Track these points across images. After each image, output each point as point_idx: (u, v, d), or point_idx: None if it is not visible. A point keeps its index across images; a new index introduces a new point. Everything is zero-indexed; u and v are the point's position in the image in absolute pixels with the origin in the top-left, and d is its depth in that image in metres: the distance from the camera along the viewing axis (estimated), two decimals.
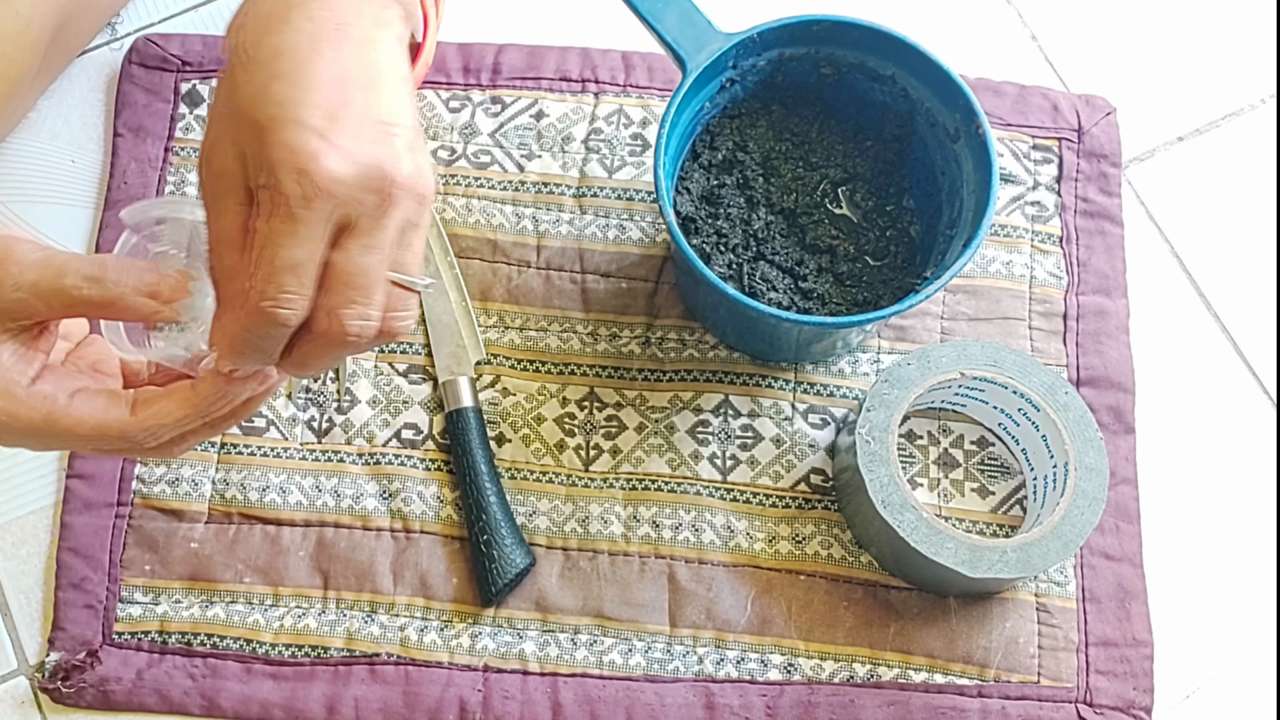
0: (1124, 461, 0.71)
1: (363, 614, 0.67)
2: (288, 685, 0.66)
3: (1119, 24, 0.83)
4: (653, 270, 0.74)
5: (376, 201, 0.43)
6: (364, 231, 0.43)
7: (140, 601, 0.67)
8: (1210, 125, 0.80)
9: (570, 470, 0.70)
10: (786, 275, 0.69)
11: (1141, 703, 0.67)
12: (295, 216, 0.42)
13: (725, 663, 0.67)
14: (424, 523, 0.69)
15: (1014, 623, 0.67)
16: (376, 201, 0.43)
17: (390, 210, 0.43)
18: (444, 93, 0.78)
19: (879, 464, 0.64)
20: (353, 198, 0.42)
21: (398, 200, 0.43)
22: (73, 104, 0.78)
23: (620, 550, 0.69)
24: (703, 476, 0.70)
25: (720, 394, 0.71)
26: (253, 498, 0.69)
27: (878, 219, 0.72)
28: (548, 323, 0.73)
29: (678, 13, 0.66)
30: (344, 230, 0.43)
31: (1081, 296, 0.74)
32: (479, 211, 0.75)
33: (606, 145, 0.77)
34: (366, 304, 0.44)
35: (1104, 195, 0.76)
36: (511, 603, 0.68)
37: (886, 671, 0.67)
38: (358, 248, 0.43)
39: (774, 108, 0.72)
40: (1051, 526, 0.64)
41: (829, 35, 0.68)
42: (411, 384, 0.72)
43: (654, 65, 0.78)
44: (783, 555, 0.69)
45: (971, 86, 0.66)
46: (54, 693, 0.65)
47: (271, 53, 0.43)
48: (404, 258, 0.45)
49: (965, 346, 0.67)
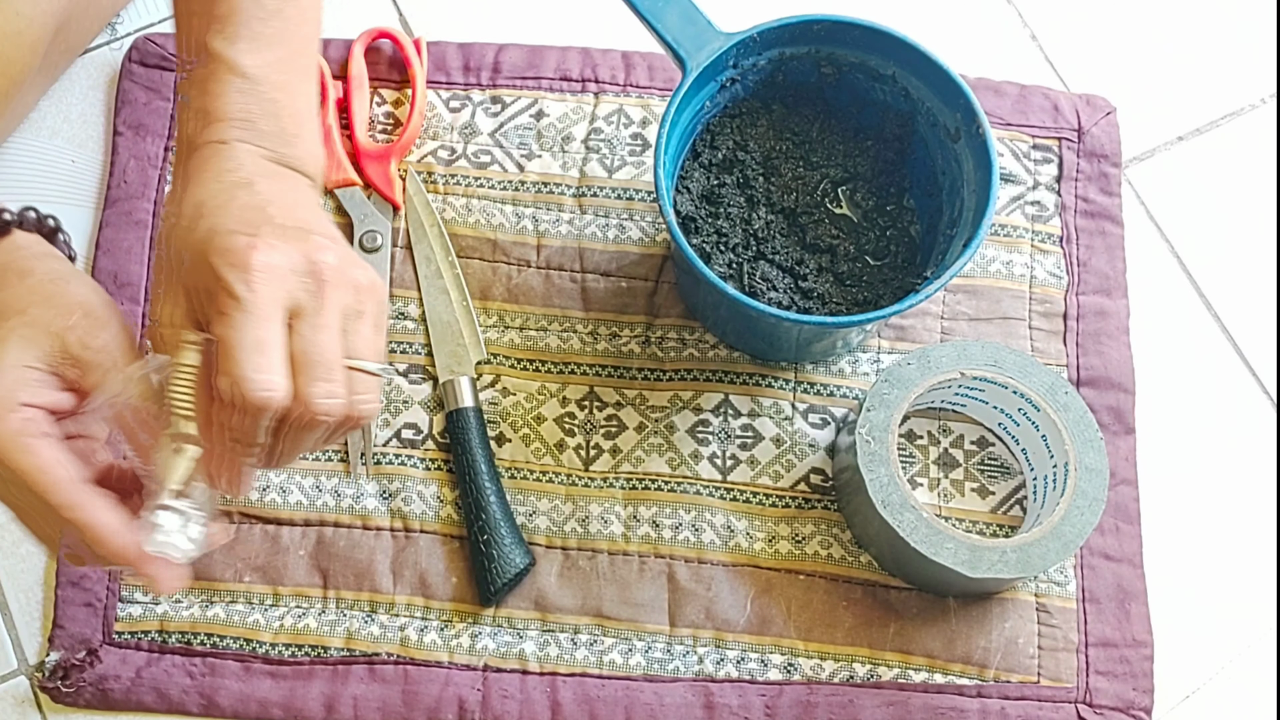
0: (1124, 462, 0.71)
1: (363, 614, 0.67)
2: (286, 684, 0.66)
3: (1119, 24, 0.83)
4: (652, 269, 0.74)
5: (313, 286, 0.48)
6: (311, 313, 0.48)
7: (140, 601, 0.67)
8: (1210, 125, 0.80)
9: (570, 470, 0.70)
10: (786, 275, 0.69)
11: (1141, 703, 0.67)
12: (244, 301, 0.46)
13: (725, 662, 0.67)
14: (424, 522, 0.69)
15: (1014, 623, 0.67)
16: (313, 286, 0.48)
17: (329, 293, 0.48)
18: (444, 92, 0.78)
19: (879, 464, 0.64)
20: (290, 282, 0.47)
21: (333, 284, 0.48)
22: (73, 103, 0.78)
23: (620, 550, 0.69)
24: (702, 476, 0.70)
25: (720, 393, 0.71)
26: (253, 497, 0.69)
27: (878, 218, 0.72)
28: (548, 322, 0.73)
29: (678, 12, 0.66)
30: (294, 317, 0.47)
31: (1082, 296, 0.74)
32: (479, 211, 0.75)
33: (606, 145, 0.77)
34: (329, 380, 0.48)
35: (1104, 195, 0.76)
36: (511, 602, 0.68)
37: (886, 671, 0.67)
38: (308, 328, 0.47)
39: (774, 107, 0.72)
40: (1051, 527, 0.64)
41: (829, 35, 0.68)
42: (411, 384, 0.72)
43: (654, 65, 0.78)
44: (782, 555, 0.69)
45: (972, 86, 0.66)
46: (54, 692, 0.65)
47: (194, 206, 0.49)
48: (356, 344, 0.49)
49: (965, 346, 0.67)
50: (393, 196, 0.74)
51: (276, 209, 0.49)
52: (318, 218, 0.51)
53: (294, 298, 0.47)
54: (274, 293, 0.47)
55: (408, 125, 0.76)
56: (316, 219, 0.51)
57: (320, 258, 0.48)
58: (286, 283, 0.47)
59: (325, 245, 0.49)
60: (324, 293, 0.48)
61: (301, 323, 0.47)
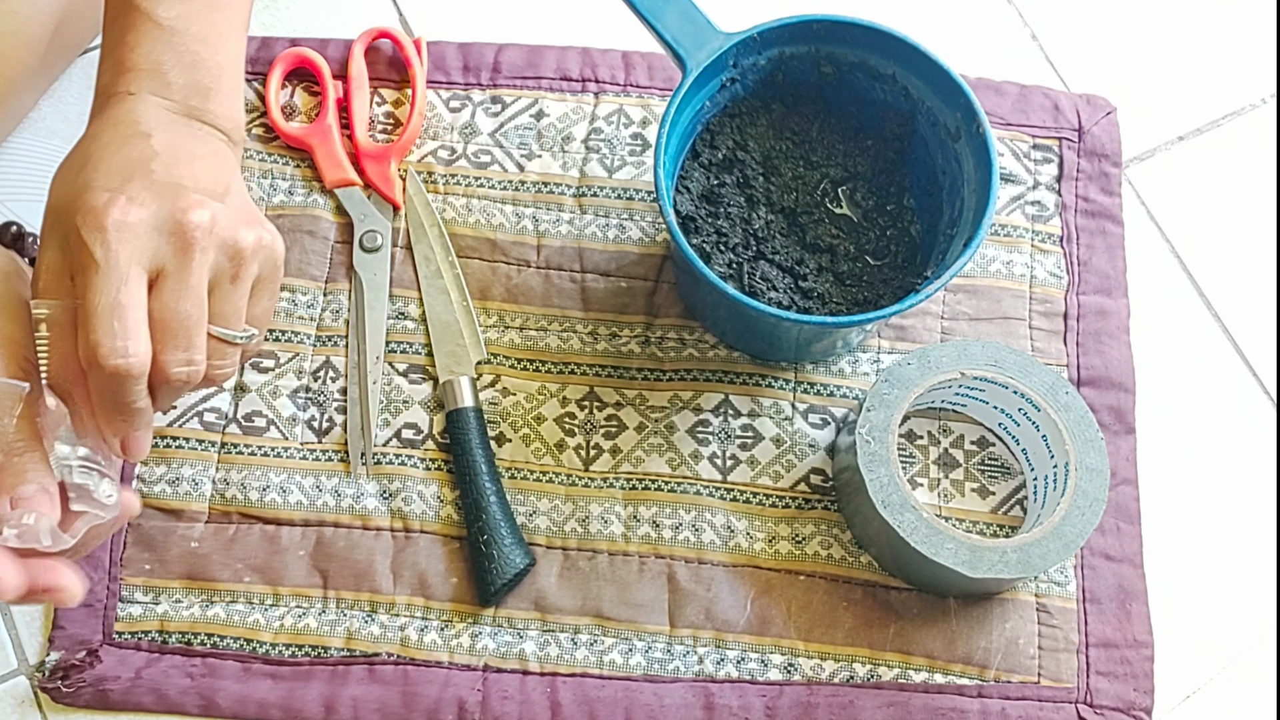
0: (1124, 462, 0.71)
1: (363, 614, 0.67)
2: (285, 685, 0.66)
3: (1119, 24, 0.83)
4: (652, 269, 0.74)
5: (178, 247, 0.46)
6: (172, 278, 0.46)
7: (140, 601, 0.67)
8: (1210, 125, 0.80)
9: (570, 470, 0.70)
10: (786, 274, 0.69)
11: (1141, 704, 0.67)
12: (99, 262, 0.44)
13: (725, 663, 0.67)
14: (424, 522, 0.69)
15: (1014, 623, 0.67)
16: (178, 247, 0.46)
17: (195, 257, 0.46)
18: (444, 92, 0.78)
19: (879, 464, 0.64)
20: (151, 241, 0.45)
21: (200, 245, 0.46)
22: (72, 103, 0.78)
23: (620, 550, 0.69)
24: (702, 476, 0.70)
25: (720, 393, 0.71)
26: (253, 497, 0.69)
27: (878, 218, 0.72)
28: (547, 322, 0.73)
29: (678, 12, 0.66)
30: (157, 279, 0.46)
31: (1082, 296, 0.74)
32: (479, 211, 0.75)
33: (606, 145, 0.77)
34: (187, 349, 0.46)
35: (1104, 195, 0.76)
36: (511, 602, 0.68)
37: (886, 672, 0.67)
38: (169, 291, 0.46)
39: (774, 106, 0.72)
40: (1052, 527, 0.64)
41: (829, 34, 0.68)
42: (411, 384, 0.72)
43: (654, 65, 0.78)
44: (782, 555, 0.69)
45: (972, 86, 0.66)
46: (54, 692, 0.65)
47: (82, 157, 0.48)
48: (222, 309, 0.48)
49: (965, 346, 0.67)
50: (393, 196, 0.74)
51: (161, 164, 0.47)
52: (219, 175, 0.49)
53: (155, 258, 0.46)
54: (131, 252, 0.45)
55: (408, 125, 0.76)
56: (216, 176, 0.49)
57: (190, 216, 0.46)
58: (146, 242, 0.45)
59: (197, 203, 0.47)
60: (189, 253, 0.46)
61: (163, 285, 0.46)
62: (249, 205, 0.50)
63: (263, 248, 0.49)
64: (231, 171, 0.51)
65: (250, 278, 0.49)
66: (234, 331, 0.49)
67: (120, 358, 0.44)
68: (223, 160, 0.52)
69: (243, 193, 0.51)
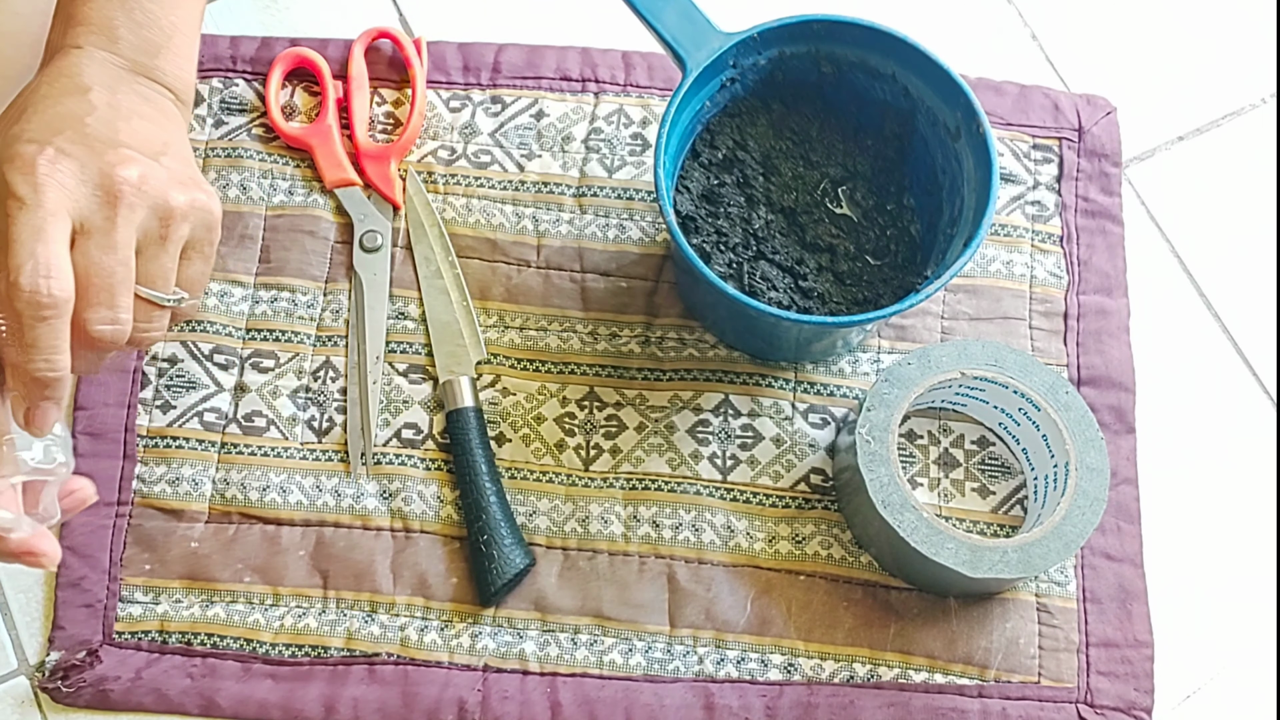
0: (1125, 461, 0.71)
1: (363, 614, 0.67)
2: (285, 685, 0.66)
3: (1119, 24, 0.83)
4: (652, 269, 0.74)
5: (104, 201, 0.45)
6: (97, 231, 0.45)
7: (141, 601, 0.67)
8: (1210, 125, 0.80)
9: (570, 470, 0.70)
10: (786, 274, 0.69)
11: (1142, 703, 0.67)
12: (25, 199, 0.44)
13: (725, 663, 0.67)
14: (424, 522, 0.69)
15: (1014, 623, 0.67)
16: (104, 201, 0.45)
17: (121, 212, 0.45)
18: (444, 92, 0.78)
19: (879, 464, 0.64)
20: (79, 194, 0.45)
21: (128, 203, 0.45)
22: None
23: (620, 550, 0.69)
24: (702, 476, 0.70)
25: (720, 393, 0.71)
26: (253, 497, 0.69)
27: (878, 218, 0.72)
28: (547, 322, 0.73)
29: (677, 12, 0.66)
30: (80, 234, 0.45)
31: (1082, 296, 0.74)
32: (479, 211, 0.75)
33: (606, 145, 0.77)
34: (111, 307, 0.45)
35: (1104, 195, 0.76)
36: (511, 603, 0.68)
37: (887, 672, 0.67)
38: (93, 247, 0.45)
39: (774, 106, 0.72)
40: (1052, 526, 0.63)
41: (829, 34, 0.68)
42: (411, 384, 0.72)
43: (654, 65, 0.78)
44: (782, 555, 0.69)
45: (972, 85, 0.66)
46: (54, 692, 0.65)
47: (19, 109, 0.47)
48: (149, 270, 0.47)
49: (966, 346, 0.67)
50: (393, 196, 0.74)
51: (97, 119, 0.47)
52: (158, 134, 0.49)
53: (81, 211, 0.45)
54: (59, 199, 0.44)
55: (408, 125, 0.76)
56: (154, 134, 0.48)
57: (118, 171, 0.45)
58: (74, 194, 0.45)
59: (128, 159, 0.46)
60: (115, 208, 0.45)
61: (88, 241, 0.45)
62: (188, 167, 0.49)
63: (195, 209, 0.48)
64: (174, 131, 0.50)
65: (180, 239, 0.48)
66: (162, 294, 0.48)
67: (41, 278, 0.43)
68: (166, 119, 0.51)
69: (184, 154, 0.50)
